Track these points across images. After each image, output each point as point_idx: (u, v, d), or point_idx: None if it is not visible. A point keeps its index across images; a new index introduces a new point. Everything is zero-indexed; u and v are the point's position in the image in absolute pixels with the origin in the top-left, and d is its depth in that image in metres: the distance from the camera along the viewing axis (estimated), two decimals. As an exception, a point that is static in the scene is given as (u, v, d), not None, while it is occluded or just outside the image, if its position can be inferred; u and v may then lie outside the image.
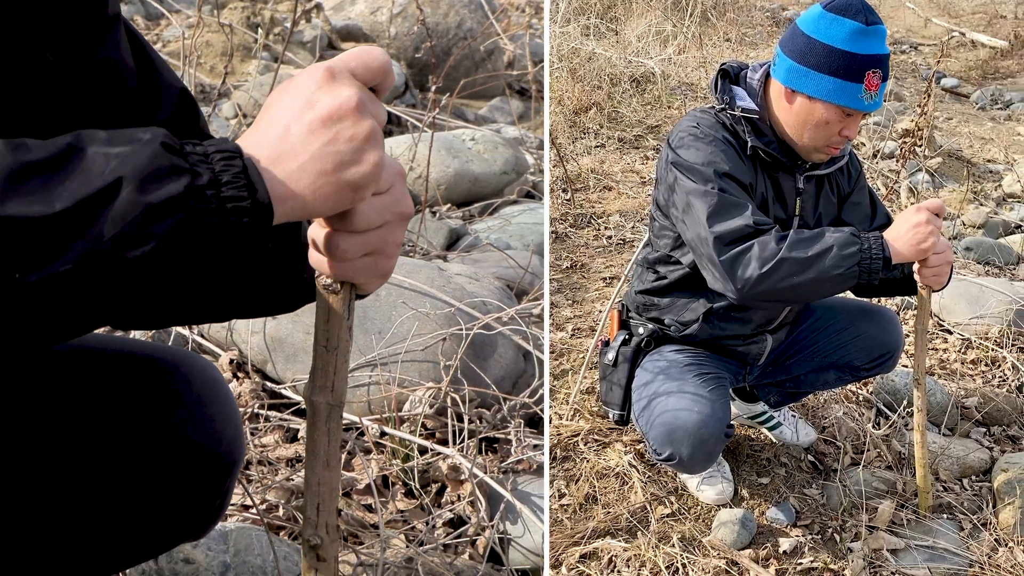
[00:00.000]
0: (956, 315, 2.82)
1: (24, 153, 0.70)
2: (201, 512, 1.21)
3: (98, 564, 1.19)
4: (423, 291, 2.36)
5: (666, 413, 1.86)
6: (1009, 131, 5.57)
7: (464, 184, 3.54)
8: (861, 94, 1.72)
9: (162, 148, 0.72)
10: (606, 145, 4.12)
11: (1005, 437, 2.36)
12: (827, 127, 1.78)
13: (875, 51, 1.71)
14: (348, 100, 0.77)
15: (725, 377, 2.00)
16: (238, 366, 2.38)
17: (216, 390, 1.21)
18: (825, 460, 2.27)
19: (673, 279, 1.98)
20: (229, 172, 0.73)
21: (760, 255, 1.68)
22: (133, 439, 1.11)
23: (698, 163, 1.79)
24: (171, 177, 0.71)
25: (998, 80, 6.95)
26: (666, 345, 2.03)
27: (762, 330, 2.03)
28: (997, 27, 8.22)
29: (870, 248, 1.68)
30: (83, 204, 0.69)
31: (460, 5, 5.03)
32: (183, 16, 4.59)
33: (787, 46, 1.80)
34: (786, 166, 1.89)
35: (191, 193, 0.71)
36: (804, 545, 1.99)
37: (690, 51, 4.90)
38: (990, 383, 2.59)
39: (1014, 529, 1.99)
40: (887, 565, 1.92)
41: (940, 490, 2.15)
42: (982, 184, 4.40)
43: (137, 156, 0.71)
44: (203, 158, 0.73)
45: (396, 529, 1.95)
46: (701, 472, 2.07)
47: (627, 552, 1.93)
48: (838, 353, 2.09)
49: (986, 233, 3.75)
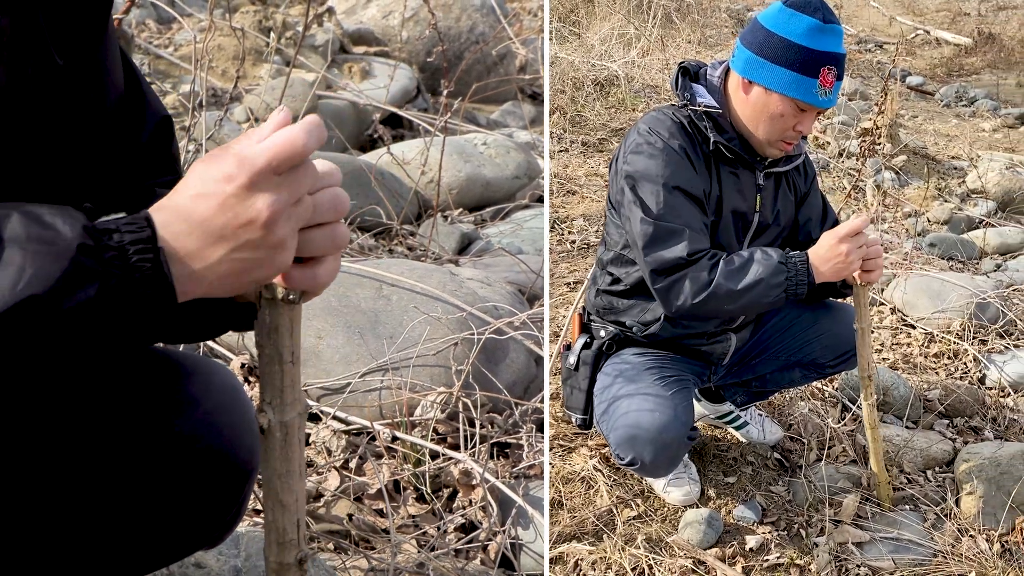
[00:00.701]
0: (919, 310, 2.87)
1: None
2: (217, 520, 1.21)
3: (113, 571, 1.19)
4: (435, 296, 2.40)
5: (627, 416, 1.87)
6: (973, 128, 5.67)
7: (476, 188, 3.58)
8: (816, 89, 1.77)
9: (78, 253, 0.76)
10: (570, 149, 4.15)
11: (967, 428, 2.41)
12: (782, 120, 1.82)
13: (831, 48, 1.77)
14: (260, 214, 0.80)
15: (688, 379, 2.01)
16: (249, 371, 2.41)
17: (234, 397, 1.21)
18: (791, 457, 2.30)
19: (630, 282, 2.00)
20: (141, 270, 0.78)
21: (691, 288, 1.79)
22: (149, 446, 1.12)
23: (649, 177, 1.83)
24: (84, 285, 0.76)
25: (962, 77, 7.07)
26: (628, 348, 2.04)
27: (725, 328, 2.06)
28: (961, 24, 8.37)
29: (796, 275, 1.78)
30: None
31: (472, 9, 5.06)
32: (195, 20, 4.59)
33: (747, 38, 1.85)
34: (747, 162, 1.92)
35: (101, 295, 0.77)
36: (771, 542, 2.01)
37: (654, 54, 4.95)
38: (952, 375, 2.63)
39: (976, 518, 2.03)
40: (852, 558, 1.94)
41: (904, 482, 2.18)
42: (947, 181, 4.47)
43: (50, 265, 0.75)
44: (117, 253, 0.78)
45: (407, 534, 1.97)
46: (665, 476, 2.09)
47: (592, 555, 1.94)
48: (803, 351, 2.12)
49: (950, 229, 3.81)
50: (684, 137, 1.87)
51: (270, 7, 4.93)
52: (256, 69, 4.44)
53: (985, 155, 4.77)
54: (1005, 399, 2.52)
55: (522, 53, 4.13)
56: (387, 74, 4.46)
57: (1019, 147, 5.07)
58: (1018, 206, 4.08)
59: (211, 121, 3.15)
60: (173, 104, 3.95)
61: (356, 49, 4.89)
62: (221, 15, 4.07)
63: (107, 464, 1.09)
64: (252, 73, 4.39)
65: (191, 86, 3.32)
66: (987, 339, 2.73)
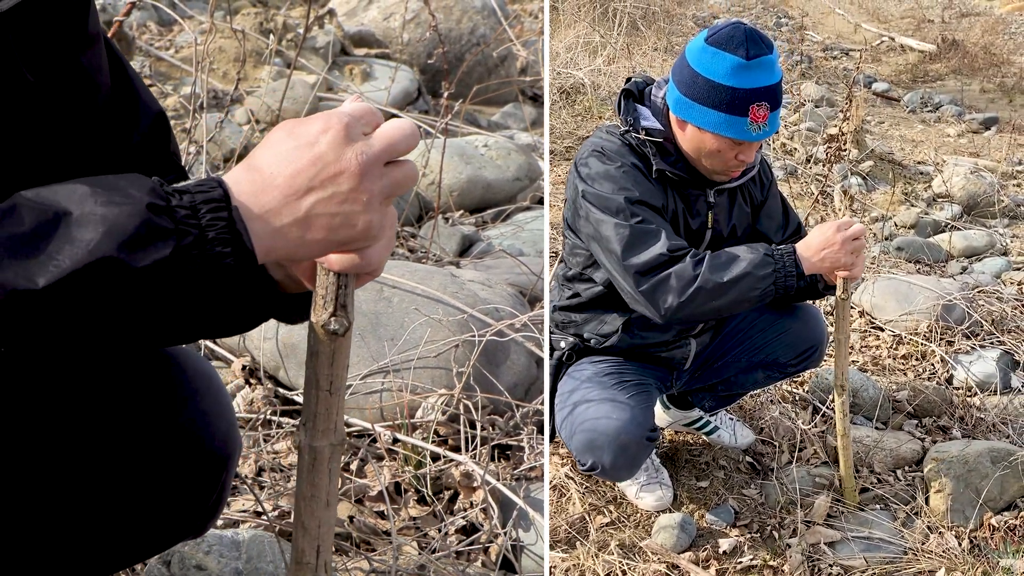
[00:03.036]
0: (887, 313, 2.97)
1: (12, 225, 0.74)
2: (197, 508, 1.22)
3: (95, 562, 1.20)
4: (436, 297, 2.44)
5: (586, 423, 1.91)
6: (939, 133, 5.84)
7: (477, 190, 3.65)
8: (747, 127, 1.79)
9: (147, 210, 0.76)
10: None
11: (936, 427, 2.49)
12: (720, 155, 1.86)
13: (759, 84, 1.78)
14: (350, 165, 0.80)
15: (649, 383, 2.05)
16: (250, 372, 2.43)
17: (209, 384, 1.22)
18: (763, 460, 2.37)
19: (587, 297, 2.04)
20: (215, 228, 0.77)
21: (678, 285, 1.79)
22: (125, 433, 1.13)
23: (607, 193, 1.86)
24: (157, 243, 0.76)
25: (927, 83, 7.28)
26: (588, 357, 2.08)
27: (685, 334, 2.11)
28: (925, 31, 8.61)
29: (784, 267, 1.80)
30: (69, 279, 0.74)
31: (473, 11, 5.12)
32: (196, 22, 4.59)
33: (676, 76, 1.88)
34: (695, 183, 1.96)
35: (177, 255, 0.76)
36: (744, 544, 2.07)
37: (620, 61, 5.05)
38: (920, 376, 2.72)
39: (945, 515, 2.11)
40: (825, 558, 2.01)
41: (875, 482, 2.26)
42: (913, 185, 4.61)
43: (123, 222, 0.75)
44: (190, 212, 0.77)
45: (408, 536, 2.00)
46: (627, 479, 2.13)
47: (565, 563, 1.99)
48: (764, 352, 2.17)
49: (917, 233, 3.94)
50: (635, 157, 1.91)
51: (271, 9, 4.96)
52: (257, 71, 4.46)
53: (950, 160, 4.93)
54: (972, 398, 2.61)
55: (523, 55, 4.19)
56: (388, 76, 4.51)
57: (983, 152, 5.24)
58: (983, 210, 4.22)
59: (212, 123, 3.19)
60: (174, 106, 3.98)
61: (357, 51, 4.93)
62: (222, 17, 4.10)
63: (84, 451, 1.11)
64: (253, 75, 4.41)
65: (192, 88, 3.34)
66: (954, 340, 2.83)
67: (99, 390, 1.13)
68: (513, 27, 5.10)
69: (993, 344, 2.81)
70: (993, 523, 2.10)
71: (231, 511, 1.98)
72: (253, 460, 2.14)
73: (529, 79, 4.62)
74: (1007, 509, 2.15)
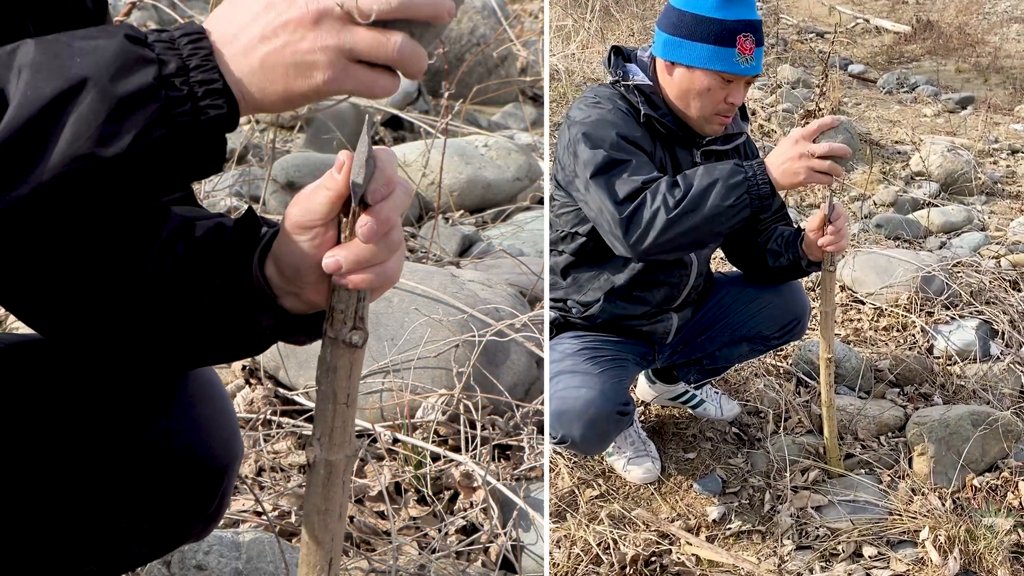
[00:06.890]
0: (867, 286, 3.09)
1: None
2: (195, 516, 1.23)
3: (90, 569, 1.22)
4: (436, 297, 2.48)
5: (555, 397, 1.99)
6: (915, 113, 6.00)
7: (477, 190, 3.72)
8: (736, 58, 1.90)
9: (126, 40, 0.77)
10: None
11: (917, 395, 2.61)
12: (710, 94, 1.95)
13: (743, 16, 1.90)
14: (301, 11, 0.79)
15: (626, 359, 2.11)
16: (251, 372, 2.48)
17: (210, 391, 1.22)
18: (749, 431, 2.47)
19: (571, 252, 2.10)
20: (198, 55, 0.79)
21: (652, 203, 1.81)
22: (121, 440, 1.13)
23: (596, 128, 1.93)
24: (138, 68, 0.76)
25: (903, 64, 7.46)
26: (567, 332, 2.15)
27: (665, 308, 2.19)
28: (900, 12, 8.80)
29: (755, 175, 1.81)
30: (50, 105, 0.74)
31: (473, 11, 5.18)
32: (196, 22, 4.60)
33: (662, 22, 2.00)
34: (683, 139, 2.05)
35: (161, 83, 0.76)
36: (732, 511, 2.16)
37: (593, 47, 5.15)
38: (901, 347, 2.84)
39: (928, 477, 2.22)
40: (812, 521, 2.11)
41: (859, 448, 2.37)
42: (891, 164, 4.76)
43: (102, 51, 0.77)
44: (169, 44, 0.79)
45: (408, 536, 2.05)
46: (598, 453, 2.22)
47: (556, 533, 2.07)
48: (748, 325, 2.26)
49: (896, 210, 4.07)
50: (626, 105, 2.00)
51: (271, 9, 5.01)
52: (256, 71, 4.50)
53: (927, 139, 5.08)
54: (952, 367, 2.74)
55: (523, 55, 4.28)
56: (388, 76, 4.57)
57: (960, 131, 5.41)
58: (960, 187, 4.37)
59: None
60: (174, 108, 4.01)
61: (356, 51, 4.99)
62: (222, 17, 4.14)
63: (77, 460, 1.12)
64: (252, 76, 4.46)
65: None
66: (933, 311, 2.95)
67: (95, 396, 1.14)
68: (513, 27, 5.18)
69: (972, 315, 2.94)
70: (975, 484, 2.22)
71: (231, 511, 2.01)
72: (253, 460, 2.18)
73: (529, 79, 4.69)
74: (988, 470, 2.27)
